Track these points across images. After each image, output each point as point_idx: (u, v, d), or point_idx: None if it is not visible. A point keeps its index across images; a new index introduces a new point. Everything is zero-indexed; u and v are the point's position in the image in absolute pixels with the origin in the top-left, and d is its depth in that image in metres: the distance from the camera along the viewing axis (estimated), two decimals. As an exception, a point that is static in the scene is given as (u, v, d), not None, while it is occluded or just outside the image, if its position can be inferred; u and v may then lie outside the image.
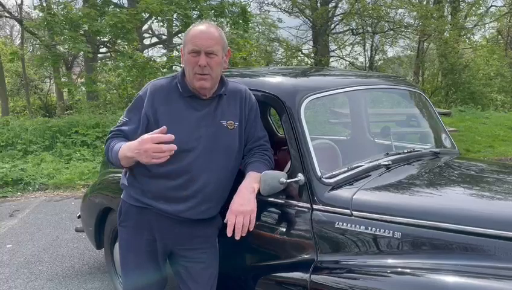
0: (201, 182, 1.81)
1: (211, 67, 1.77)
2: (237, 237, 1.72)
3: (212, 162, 1.81)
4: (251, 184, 1.81)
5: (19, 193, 6.29)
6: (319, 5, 15.91)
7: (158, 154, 1.63)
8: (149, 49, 14.62)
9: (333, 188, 1.89)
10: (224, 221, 1.77)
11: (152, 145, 1.63)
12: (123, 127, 1.87)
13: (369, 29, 16.69)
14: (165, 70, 9.76)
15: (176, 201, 1.80)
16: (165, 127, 1.67)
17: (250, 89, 2.00)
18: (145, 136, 1.67)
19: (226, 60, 1.88)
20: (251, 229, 1.75)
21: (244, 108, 1.93)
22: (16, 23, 16.14)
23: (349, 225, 1.77)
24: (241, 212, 1.74)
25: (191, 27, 1.86)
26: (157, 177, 1.80)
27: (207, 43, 1.76)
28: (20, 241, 4.29)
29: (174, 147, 1.63)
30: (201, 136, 1.81)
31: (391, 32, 16.64)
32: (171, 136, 1.64)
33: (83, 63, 15.61)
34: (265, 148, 1.98)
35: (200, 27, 1.82)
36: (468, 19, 17.17)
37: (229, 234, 1.73)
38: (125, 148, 1.74)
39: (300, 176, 1.88)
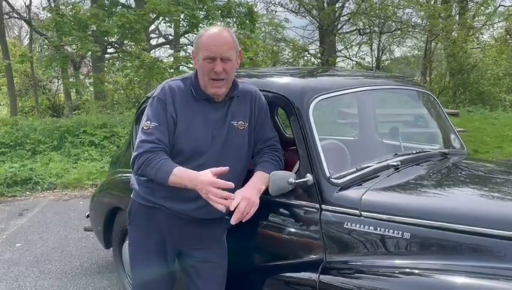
0: (211, 181, 1.82)
1: (226, 72, 1.78)
2: (233, 222, 1.72)
3: (223, 163, 1.81)
4: (257, 185, 1.82)
5: (27, 192, 6.34)
6: (325, 5, 15.87)
7: (215, 197, 1.66)
8: (156, 50, 14.67)
9: (342, 189, 1.89)
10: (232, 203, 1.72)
11: (215, 190, 1.65)
12: (158, 135, 1.79)
13: (376, 29, 16.60)
14: (172, 70, 9.80)
15: (186, 200, 1.81)
16: (227, 167, 1.71)
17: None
18: (209, 178, 1.67)
19: (238, 61, 1.89)
20: (244, 220, 1.73)
21: (254, 109, 1.94)
22: (25, 23, 16.27)
23: (358, 225, 1.77)
24: (248, 199, 1.73)
25: (202, 31, 1.85)
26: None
27: (222, 49, 1.76)
28: (30, 240, 4.33)
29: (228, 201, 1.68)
30: (214, 138, 1.83)
31: (398, 32, 16.55)
32: (231, 185, 1.67)
33: (90, 64, 15.69)
34: (275, 149, 1.98)
35: (212, 32, 1.80)
36: (476, 18, 17.02)
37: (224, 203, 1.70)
38: (185, 178, 1.72)
39: (309, 177, 1.88)
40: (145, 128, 1.82)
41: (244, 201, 1.73)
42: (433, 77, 18.02)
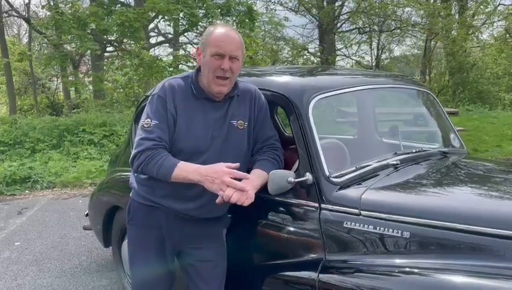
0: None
1: (232, 72, 1.78)
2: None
3: (223, 161, 1.81)
4: (253, 182, 1.79)
5: (27, 191, 6.34)
6: (325, 3, 15.87)
7: (225, 187, 1.66)
8: (155, 48, 14.64)
9: (341, 188, 1.89)
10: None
11: (230, 179, 1.66)
12: (158, 133, 1.77)
13: (376, 27, 16.61)
14: (171, 69, 9.78)
15: (185, 199, 1.81)
16: (239, 163, 1.72)
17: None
18: (224, 168, 1.68)
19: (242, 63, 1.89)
20: (239, 202, 1.68)
21: (254, 108, 1.93)
22: (24, 22, 16.23)
23: (357, 224, 1.77)
24: (242, 188, 1.69)
25: (211, 28, 1.84)
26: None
27: (231, 47, 1.76)
28: (29, 239, 4.33)
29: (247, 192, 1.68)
30: (214, 138, 1.82)
31: (398, 31, 16.56)
32: (245, 175, 1.73)
33: (89, 62, 15.66)
34: (274, 148, 1.98)
35: (222, 30, 1.81)
36: (476, 17, 17.01)
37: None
38: (191, 170, 1.71)
39: (309, 176, 1.88)
40: (145, 126, 1.80)
41: (238, 193, 1.68)
42: (433, 76, 18.02)
